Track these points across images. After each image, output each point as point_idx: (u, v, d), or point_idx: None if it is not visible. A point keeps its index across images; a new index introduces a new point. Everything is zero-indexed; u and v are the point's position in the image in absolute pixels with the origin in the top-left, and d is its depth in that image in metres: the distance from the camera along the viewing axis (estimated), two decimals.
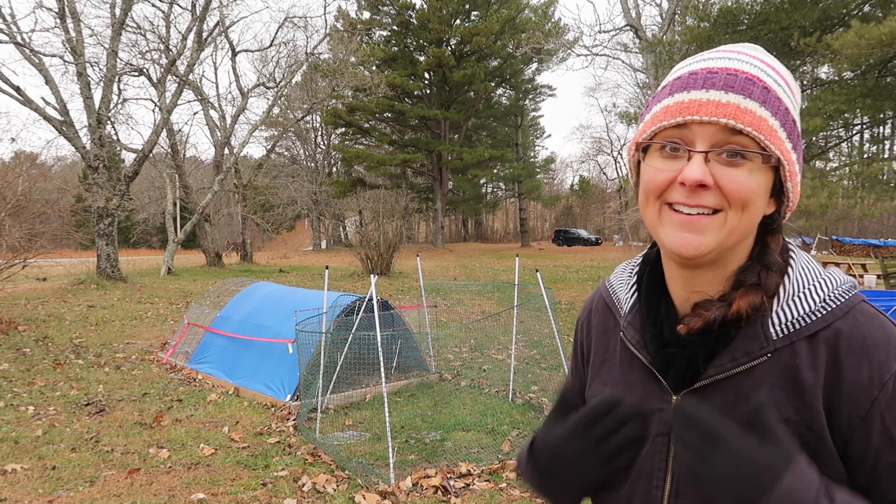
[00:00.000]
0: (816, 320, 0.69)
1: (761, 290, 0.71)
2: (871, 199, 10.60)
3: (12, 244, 10.11)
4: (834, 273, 0.72)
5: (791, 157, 0.71)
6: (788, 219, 0.82)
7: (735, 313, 0.70)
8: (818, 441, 0.67)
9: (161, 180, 25.45)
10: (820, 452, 0.66)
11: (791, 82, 0.73)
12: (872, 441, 0.65)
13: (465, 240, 56.33)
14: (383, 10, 35.16)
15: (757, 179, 0.69)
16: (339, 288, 13.17)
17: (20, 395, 5.60)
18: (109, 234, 14.72)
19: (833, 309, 0.69)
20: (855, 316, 0.69)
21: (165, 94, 17.05)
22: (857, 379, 0.66)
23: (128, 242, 41.76)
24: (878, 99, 10.35)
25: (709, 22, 11.49)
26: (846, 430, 0.66)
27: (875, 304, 0.71)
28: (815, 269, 0.73)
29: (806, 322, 0.70)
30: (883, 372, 0.65)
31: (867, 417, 0.65)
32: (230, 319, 6.57)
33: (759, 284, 0.71)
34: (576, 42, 21.31)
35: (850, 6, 10.64)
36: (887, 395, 0.65)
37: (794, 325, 0.70)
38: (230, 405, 5.37)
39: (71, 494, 3.57)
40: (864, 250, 32.50)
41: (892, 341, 0.67)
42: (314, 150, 42.71)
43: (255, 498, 3.54)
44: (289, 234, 53.12)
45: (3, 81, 13.55)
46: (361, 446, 4.41)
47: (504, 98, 43.70)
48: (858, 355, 0.66)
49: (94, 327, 9.09)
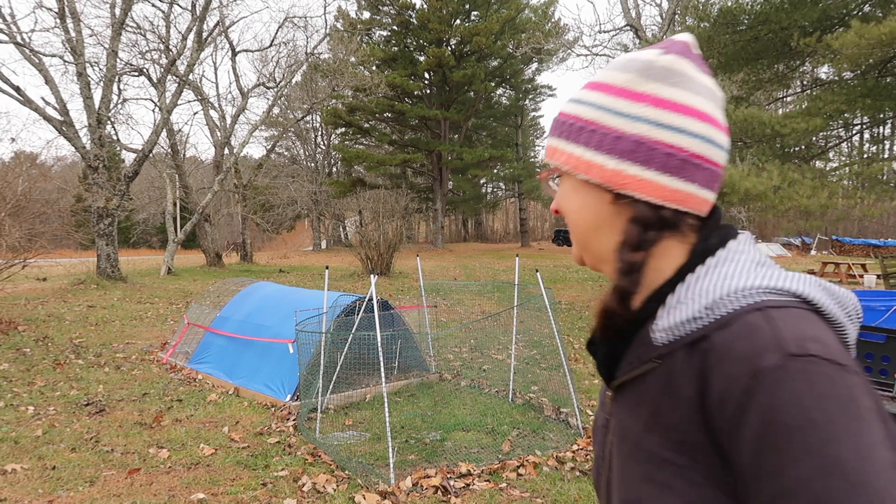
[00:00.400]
0: (698, 329, 0.66)
1: (617, 293, 0.71)
2: (871, 199, 10.59)
3: (12, 244, 10.11)
4: (744, 281, 0.67)
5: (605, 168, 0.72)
6: (789, 219, 0.81)
7: (597, 315, 0.73)
8: (695, 450, 0.64)
9: (161, 180, 25.45)
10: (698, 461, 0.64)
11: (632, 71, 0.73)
12: (737, 459, 0.61)
13: (465, 240, 56.33)
14: (383, 10, 35.15)
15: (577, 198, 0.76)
16: (339, 288, 13.17)
17: (20, 395, 5.60)
18: (109, 234, 14.73)
19: (718, 318, 0.65)
20: (734, 326, 0.63)
21: (165, 94, 17.05)
22: (718, 392, 0.62)
23: (128, 242, 41.78)
24: (878, 99, 10.35)
25: (709, 22, 11.49)
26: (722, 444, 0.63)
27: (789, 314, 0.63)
28: (726, 277, 0.68)
29: (685, 330, 0.67)
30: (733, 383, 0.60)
31: (731, 433, 0.61)
32: (230, 319, 6.57)
33: (615, 288, 0.72)
34: (576, 42, 21.34)
35: (850, 6, 10.64)
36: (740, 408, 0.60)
37: (674, 332, 0.68)
38: (230, 405, 5.37)
39: (71, 494, 3.57)
40: (864, 250, 32.51)
41: (762, 352, 0.60)
42: (314, 150, 42.71)
43: (255, 498, 3.54)
44: (289, 234, 53.13)
45: (3, 81, 13.56)
46: (361, 446, 4.41)
47: (504, 98, 43.70)
48: (720, 368, 0.62)
49: (94, 327, 9.09)
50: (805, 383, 0.57)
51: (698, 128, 0.71)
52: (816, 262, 24.00)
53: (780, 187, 9.60)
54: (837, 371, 0.59)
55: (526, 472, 3.89)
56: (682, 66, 0.72)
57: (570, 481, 3.76)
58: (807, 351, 0.59)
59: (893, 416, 0.62)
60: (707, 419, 0.63)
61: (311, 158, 42.10)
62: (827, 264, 19.34)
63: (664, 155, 0.70)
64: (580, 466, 3.99)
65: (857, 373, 0.60)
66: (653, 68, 0.72)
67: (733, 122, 10.36)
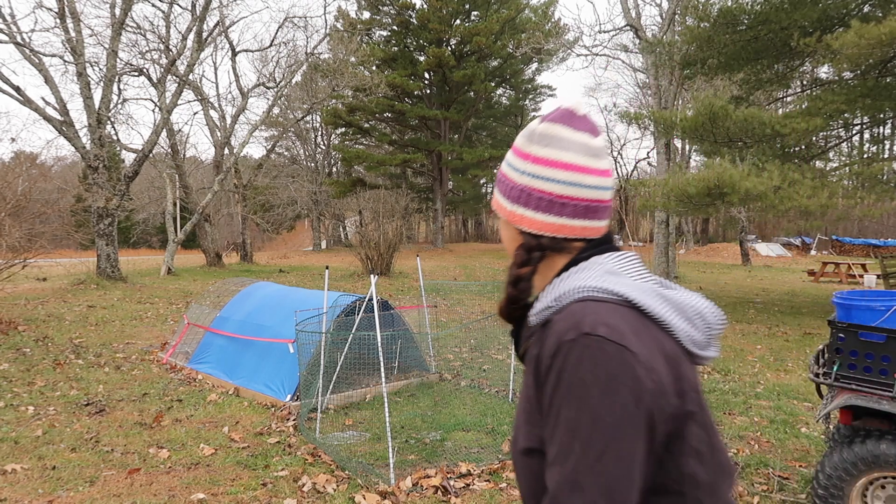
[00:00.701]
0: (548, 314, 0.92)
1: (506, 297, 1.00)
2: (871, 199, 10.59)
3: (12, 244, 10.10)
4: (582, 282, 0.91)
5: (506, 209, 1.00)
6: (789, 219, 0.88)
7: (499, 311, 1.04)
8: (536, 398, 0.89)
9: (161, 180, 25.45)
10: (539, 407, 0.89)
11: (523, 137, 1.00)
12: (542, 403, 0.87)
13: (465, 240, 56.31)
14: (383, 10, 35.13)
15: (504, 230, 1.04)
16: (339, 288, 13.17)
17: (20, 395, 5.60)
18: (109, 234, 14.72)
19: (559, 307, 0.91)
20: (564, 312, 0.89)
21: (165, 94, 17.05)
22: (542, 356, 0.88)
23: (128, 242, 41.76)
24: (878, 99, 10.34)
25: (709, 22, 11.48)
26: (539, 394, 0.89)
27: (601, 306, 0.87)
28: (576, 280, 0.92)
29: (543, 315, 0.93)
30: (549, 350, 0.86)
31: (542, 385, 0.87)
32: (230, 319, 6.56)
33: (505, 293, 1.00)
34: (576, 42, 21.32)
35: (850, 6, 10.64)
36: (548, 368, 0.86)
37: (538, 317, 0.94)
38: (230, 405, 5.37)
39: (71, 494, 3.57)
40: (864, 250, 32.50)
41: (568, 330, 0.84)
42: (314, 150, 42.69)
43: (255, 498, 3.54)
44: (289, 234, 53.12)
45: (3, 81, 13.55)
46: (361, 446, 4.41)
47: (504, 98, 43.69)
48: (548, 340, 0.87)
49: (94, 327, 9.09)
50: (587, 353, 0.81)
51: (563, 176, 0.94)
52: (816, 263, 24.01)
53: (781, 187, 9.60)
54: (615, 349, 0.81)
55: None
56: (554, 131, 0.96)
57: None
58: (596, 332, 0.82)
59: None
60: (537, 375, 0.89)
61: (311, 158, 42.09)
62: (827, 264, 19.33)
63: (537, 198, 0.96)
64: None
65: (635, 354, 0.81)
66: (534, 134, 0.98)
67: (733, 122, 10.36)
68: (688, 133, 11.51)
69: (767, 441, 4.52)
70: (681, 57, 12.54)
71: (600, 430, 0.79)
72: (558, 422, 0.82)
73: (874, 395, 2.80)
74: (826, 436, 3.72)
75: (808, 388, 6.04)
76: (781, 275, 21.34)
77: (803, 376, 6.63)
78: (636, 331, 0.84)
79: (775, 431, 4.73)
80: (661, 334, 0.88)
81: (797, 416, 5.15)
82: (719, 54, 11.81)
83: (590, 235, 0.97)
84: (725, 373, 6.80)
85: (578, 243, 0.97)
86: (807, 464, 4.05)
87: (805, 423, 4.94)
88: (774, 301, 13.27)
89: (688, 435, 0.86)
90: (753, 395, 5.81)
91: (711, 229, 45.48)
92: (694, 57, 12.29)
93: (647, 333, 0.86)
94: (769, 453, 4.25)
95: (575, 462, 0.79)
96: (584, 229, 0.96)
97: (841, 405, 2.88)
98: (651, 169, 42.51)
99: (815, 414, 4.92)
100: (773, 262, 29.23)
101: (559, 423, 0.82)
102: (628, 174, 48.86)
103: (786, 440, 4.54)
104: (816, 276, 18.92)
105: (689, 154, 34.73)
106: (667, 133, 12.70)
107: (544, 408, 0.86)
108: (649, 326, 0.87)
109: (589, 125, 0.98)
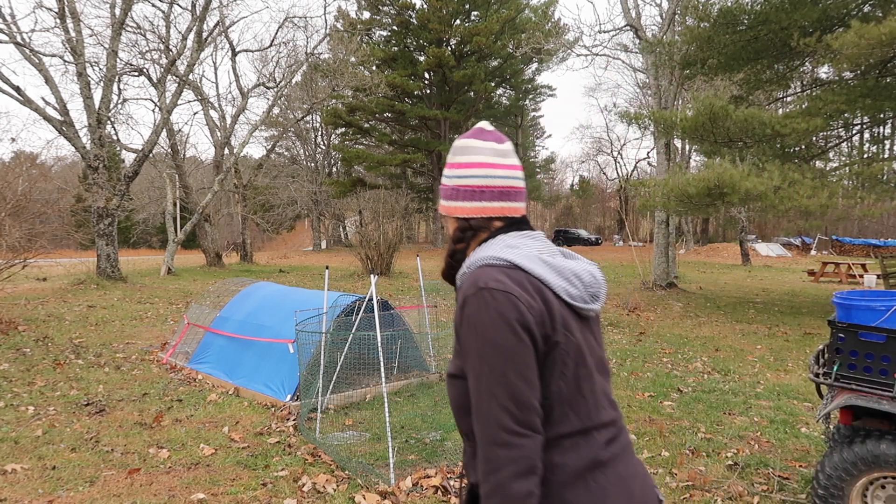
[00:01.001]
0: (462, 276, 1.24)
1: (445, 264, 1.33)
2: (871, 199, 10.59)
3: (12, 244, 10.10)
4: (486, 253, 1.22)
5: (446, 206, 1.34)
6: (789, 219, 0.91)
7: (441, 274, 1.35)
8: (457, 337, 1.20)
9: (161, 180, 25.45)
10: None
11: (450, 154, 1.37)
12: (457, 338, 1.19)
13: None
14: (383, 10, 35.14)
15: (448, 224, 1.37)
16: (339, 288, 13.17)
17: (20, 395, 5.60)
18: (109, 234, 14.72)
19: (468, 271, 1.23)
20: (469, 275, 1.20)
21: (165, 94, 17.05)
22: (456, 306, 1.19)
23: (128, 242, 41.76)
24: (878, 99, 10.34)
25: (709, 22, 11.48)
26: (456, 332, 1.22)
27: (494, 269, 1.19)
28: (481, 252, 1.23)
29: (461, 277, 1.25)
30: (459, 303, 1.18)
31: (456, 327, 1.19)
32: (230, 319, 6.56)
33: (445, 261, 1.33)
34: (576, 42, 21.28)
35: (850, 6, 10.63)
36: (459, 317, 1.17)
37: (459, 279, 1.27)
38: (230, 405, 5.37)
39: (71, 494, 3.57)
40: (864, 250, 32.50)
41: (470, 287, 1.17)
42: (314, 150, 42.69)
43: (255, 498, 3.54)
44: (289, 234, 53.12)
45: (3, 81, 13.55)
46: (361, 446, 4.41)
47: (504, 98, 43.69)
48: (458, 294, 1.20)
49: (94, 327, 9.09)
50: (482, 302, 1.13)
51: (479, 172, 1.28)
52: (816, 262, 24.00)
53: (781, 187, 9.60)
54: (502, 294, 1.12)
55: None
56: (468, 143, 1.31)
57: None
58: (488, 286, 1.14)
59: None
60: (455, 322, 1.19)
61: (311, 158, 42.09)
62: (827, 264, 19.33)
63: (464, 192, 1.29)
64: None
65: (516, 296, 1.13)
66: (454, 148, 1.33)
67: (733, 122, 10.36)
68: (688, 133, 11.51)
69: (767, 441, 4.52)
70: (681, 57, 12.53)
71: (500, 353, 1.10)
72: (471, 354, 1.13)
73: (874, 395, 2.80)
74: (826, 436, 3.72)
75: (808, 388, 6.04)
76: (781, 275, 21.34)
77: (803, 376, 6.63)
78: (519, 283, 1.15)
79: (775, 431, 4.73)
80: (542, 288, 1.17)
81: (797, 416, 5.15)
82: (719, 54, 11.80)
83: (508, 214, 1.30)
84: (725, 373, 6.80)
85: (498, 222, 1.30)
86: (807, 464, 4.05)
87: (805, 423, 4.94)
88: (774, 301, 13.27)
89: (556, 358, 1.15)
90: (753, 395, 5.81)
91: (711, 229, 45.48)
92: (694, 57, 12.29)
93: (530, 285, 1.16)
94: (769, 453, 4.25)
95: (487, 379, 1.10)
96: (503, 209, 1.29)
97: (841, 405, 2.88)
98: (651, 169, 42.48)
99: (815, 414, 4.92)
100: (773, 262, 29.22)
101: (472, 354, 1.13)
102: (628, 174, 48.84)
103: (786, 440, 4.54)
104: (816, 276, 18.92)
105: (689, 154, 34.74)
106: (667, 133, 12.70)
107: (461, 345, 1.17)
108: (532, 282, 1.17)
109: (495, 136, 1.32)
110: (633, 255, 17.29)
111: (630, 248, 31.53)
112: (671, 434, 4.66)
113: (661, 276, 14.75)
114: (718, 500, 3.49)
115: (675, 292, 14.19)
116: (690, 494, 3.58)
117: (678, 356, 7.71)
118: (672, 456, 4.18)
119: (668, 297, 13.24)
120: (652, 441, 4.50)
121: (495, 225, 1.29)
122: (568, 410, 1.16)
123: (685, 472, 3.89)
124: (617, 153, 47.89)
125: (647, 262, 16.33)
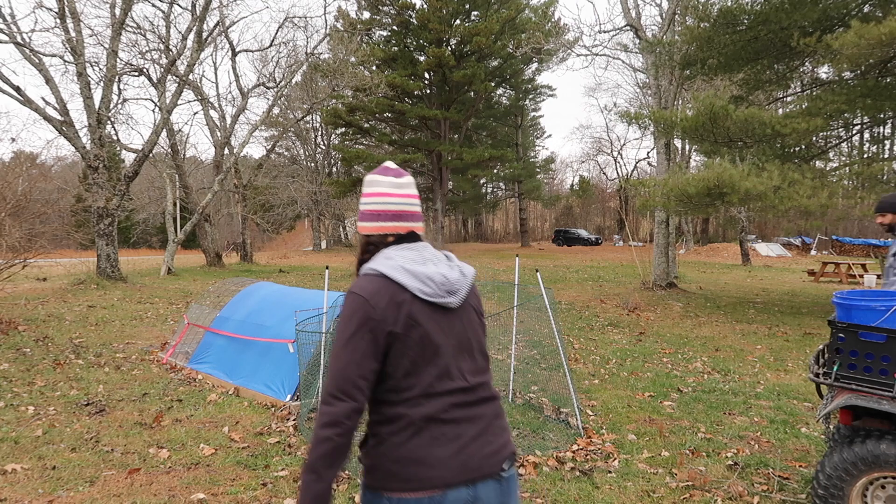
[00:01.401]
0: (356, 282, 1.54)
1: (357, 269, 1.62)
2: (871, 199, 10.58)
3: (12, 244, 10.10)
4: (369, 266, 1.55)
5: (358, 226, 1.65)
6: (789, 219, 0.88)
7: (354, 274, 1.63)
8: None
9: (161, 180, 25.43)
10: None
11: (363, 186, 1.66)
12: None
13: (465, 240, 56.33)
14: (383, 10, 35.10)
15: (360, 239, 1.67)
16: (339, 288, 13.15)
17: (20, 395, 5.60)
18: (109, 234, 14.72)
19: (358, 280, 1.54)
20: (355, 283, 1.52)
21: (165, 94, 17.05)
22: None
23: (128, 242, 41.76)
24: (878, 99, 10.34)
25: (709, 22, 11.48)
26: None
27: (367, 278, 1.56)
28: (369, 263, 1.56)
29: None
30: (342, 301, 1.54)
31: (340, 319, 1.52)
32: (230, 319, 6.56)
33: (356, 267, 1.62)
34: (576, 42, 21.28)
35: (850, 6, 10.63)
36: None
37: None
38: (230, 405, 5.37)
39: (71, 494, 3.57)
40: (864, 250, 32.51)
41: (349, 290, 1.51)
42: (314, 150, 42.69)
43: (255, 498, 3.54)
44: (289, 234, 53.14)
45: (3, 81, 13.55)
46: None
47: (504, 98, 43.67)
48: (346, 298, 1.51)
49: (94, 327, 9.09)
50: (347, 301, 1.48)
51: (377, 199, 1.60)
52: (816, 262, 24.01)
53: (780, 187, 9.60)
54: (358, 298, 1.47)
55: (526, 471, 3.89)
56: (373, 178, 1.63)
57: (570, 481, 3.76)
58: (353, 290, 1.49)
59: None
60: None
61: (311, 158, 42.08)
62: (827, 264, 19.33)
63: (367, 214, 1.61)
64: (580, 466, 3.99)
65: (367, 299, 1.46)
66: (364, 182, 1.64)
67: (733, 122, 10.36)
68: (688, 133, 11.51)
69: (767, 441, 4.52)
70: (681, 57, 12.53)
71: (343, 339, 1.45)
72: (335, 337, 1.48)
73: (874, 395, 2.80)
74: (826, 436, 3.72)
75: (808, 388, 6.04)
76: (781, 275, 21.34)
77: (803, 376, 6.63)
78: (378, 289, 1.47)
79: (775, 431, 4.73)
80: (399, 291, 1.48)
81: (797, 416, 5.16)
82: (719, 54, 11.80)
83: (399, 231, 1.60)
84: (725, 373, 6.80)
85: (391, 238, 1.60)
86: (807, 464, 4.05)
87: (805, 423, 4.94)
88: (774, 301, 13.27)
89: (399, 343, 1.47)
90: (753, 395, 5.81)
91: (711, 229, 45.48)
92: (694, 57, 12.29)
93: (387, 290, 1.47)
94: (769, 453, 4.25)
95: (333, 357, 1.45)
96: (396, 227, 1.60)
97: (841, 405, 2.88)
98: (651, 169, 42.49)
99: (815, 414, 4.92)
100: (773, 262, 29.23)
101: (335, 337, 1.48)
102: (628, 174, 48.85)
103: (786, 440, 4.54)
104: (816, 276, 18.92)
105: (689, 154, 34.73)
106: (667, 133, 12.70)
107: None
108: (392, 286, 1.48)
109: (395, 172, 1.64)
110: (633, 255, 17.28)
111: (630, 248, 31.53)
112: (671, 434, 4.66)
113: (661, 276, 14.75)
114: (718, 500, 3.49)
115: (675, 292, 14.19)
116: (690, 494, 3.58)
117: (678, 356, 7.71)
118: (672, 456, 4.18)
119: (668, 297, 13.24)
120: (652, 441, 4.50)
121: (389, 241, 1.60)
122: (413, 380, 1.49)
123: (685, 472, 3.89)
124: (617, 153, 47.91)
125: (647, 262, 16.32)
